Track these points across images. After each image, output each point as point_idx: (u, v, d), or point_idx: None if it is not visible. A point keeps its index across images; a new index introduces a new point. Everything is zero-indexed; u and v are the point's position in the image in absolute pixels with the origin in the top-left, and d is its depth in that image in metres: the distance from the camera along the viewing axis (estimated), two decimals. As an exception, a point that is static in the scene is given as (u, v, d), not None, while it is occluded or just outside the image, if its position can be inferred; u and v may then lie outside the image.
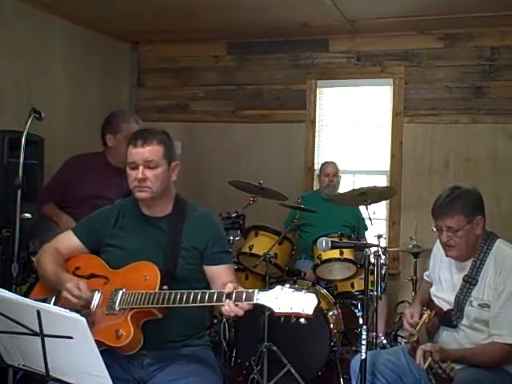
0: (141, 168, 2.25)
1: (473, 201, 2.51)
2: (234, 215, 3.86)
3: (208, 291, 2.05)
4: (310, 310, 1.88)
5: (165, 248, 2.27)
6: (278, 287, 1.94)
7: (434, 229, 2.58)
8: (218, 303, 2.00)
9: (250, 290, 1.98)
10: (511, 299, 2.37)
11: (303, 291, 1.91)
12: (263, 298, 1.94)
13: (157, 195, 2.30)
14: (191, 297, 2.03)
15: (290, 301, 1.90)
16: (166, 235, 2.30)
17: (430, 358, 2.24)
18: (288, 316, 1.94)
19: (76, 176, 3.51)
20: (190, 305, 2.03)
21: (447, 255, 2.55)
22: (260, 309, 1.99)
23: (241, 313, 1.98)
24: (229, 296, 1.99)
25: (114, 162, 3.54)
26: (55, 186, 3.58)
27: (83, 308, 2.13)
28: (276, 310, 1.91)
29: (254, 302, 1.95)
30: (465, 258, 2.53)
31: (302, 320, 1.94)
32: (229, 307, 1.97)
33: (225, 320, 3.78)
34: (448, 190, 2.53)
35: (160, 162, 2.27)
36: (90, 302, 2.16)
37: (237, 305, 1.97)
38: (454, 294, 2.52)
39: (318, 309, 1.99)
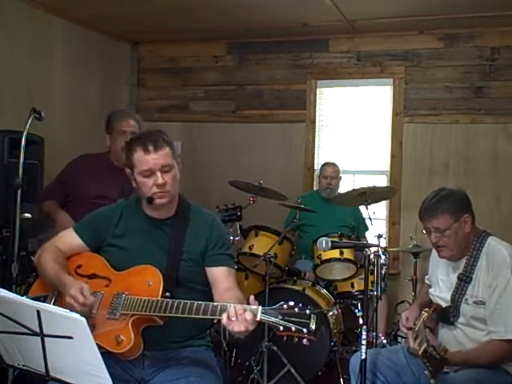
0: (159, 173, 2.19)
1: (458, 200, 2.52)
2: (231, 207, 3.79)
3: (211, 303, 2.02)
4: (313, 332, 1.85)
5: (168, 251, 2.25)
6: (282, 304, 1.90)
7: (424, 231, 2.61)
8: (220, 317, 1.95)
9: (254, 307, 1.92)
10: (504, 295, 2.38)
11: (307, 311, 1.88)
12: (266, 315, 1.90)
13: (173, 197, 2.29)
14: (194, 308, 2.00)
15: (293, 320, 1.87)
16: (169, 238, 2.28)
17: (425, 344, 2.26)
18: (290, 336, 1.91)
19: (81, 176, 3.52)
20: (193, 316, 2.00)
21: (440, 256, 2.57)
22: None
23: (250, 327, 1.92)
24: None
25: (116, 162, 3.54)
26: (60, 185, 3.59)
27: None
28: (280, 328, 1.88)
29: (258, 318, 1.91)
30: (458, 257, 2.54)
31: (305, 341, 1.92)
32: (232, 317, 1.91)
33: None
34: (433, 193, 2.56)
35: (173, 164, 2.25)
36: (93, 307, 2.13)
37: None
38: (450, 293, 2.53)
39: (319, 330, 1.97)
